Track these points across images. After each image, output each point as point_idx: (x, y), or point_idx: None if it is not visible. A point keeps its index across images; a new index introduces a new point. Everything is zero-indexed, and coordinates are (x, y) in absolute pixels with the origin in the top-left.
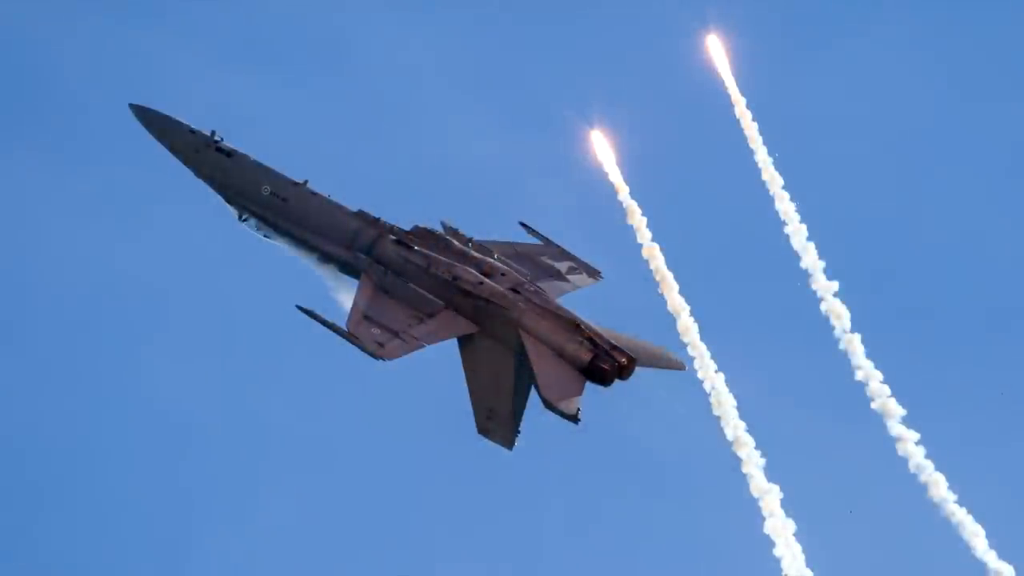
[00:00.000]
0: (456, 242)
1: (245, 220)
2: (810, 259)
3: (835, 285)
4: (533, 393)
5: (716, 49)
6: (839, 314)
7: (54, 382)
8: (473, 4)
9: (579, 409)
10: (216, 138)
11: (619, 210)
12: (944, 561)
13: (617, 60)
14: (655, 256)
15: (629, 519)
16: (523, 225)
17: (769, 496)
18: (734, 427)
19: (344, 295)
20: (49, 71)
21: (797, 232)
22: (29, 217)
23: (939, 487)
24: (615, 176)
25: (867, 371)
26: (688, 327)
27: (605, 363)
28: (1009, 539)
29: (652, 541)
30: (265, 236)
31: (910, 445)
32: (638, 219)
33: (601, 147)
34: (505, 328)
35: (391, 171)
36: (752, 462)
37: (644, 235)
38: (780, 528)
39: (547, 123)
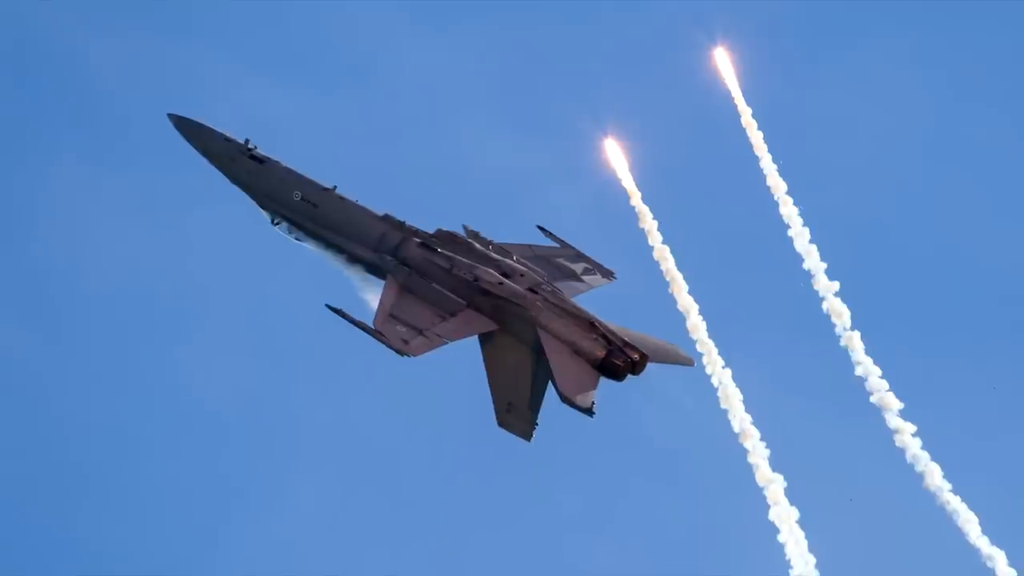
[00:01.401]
0: (477, 245)
1: (277, 224)
2: (812, 261)
3: (836, 285)
4: (550, 387)
5: (723, 61)
6: (840, 313)
7: (96, 377)
8: (493, 19)
9: (594, 403)
10: (250, 146)
11: (631, 214)
12: (939, 547)
13: (630, 71)
14: (665, 258)
15: (641, 506)
16: (540, 228)
17: (773, 485)
18: (740, 419)
19: (371, 295)
20: (91, 82)
21: (800, 235)
22: (72, 220)
23: (935, 477)
24: (628, 182)
25: (866, 367)
26: (697, 325)
27: (618, 359)
28: (1001, 526)
29: (662, 527)
30: (296, 239)
31: (907, 437)
32: (649, 223)
33: (614, 154)
34: (524, 326)
35: (416, 177)
36: (757, 453)
37: (655, 238)
38: (784, 516)
39: (563, 131)
